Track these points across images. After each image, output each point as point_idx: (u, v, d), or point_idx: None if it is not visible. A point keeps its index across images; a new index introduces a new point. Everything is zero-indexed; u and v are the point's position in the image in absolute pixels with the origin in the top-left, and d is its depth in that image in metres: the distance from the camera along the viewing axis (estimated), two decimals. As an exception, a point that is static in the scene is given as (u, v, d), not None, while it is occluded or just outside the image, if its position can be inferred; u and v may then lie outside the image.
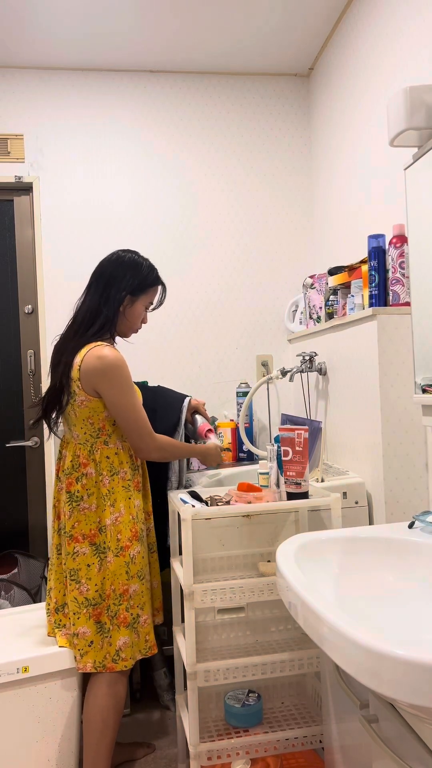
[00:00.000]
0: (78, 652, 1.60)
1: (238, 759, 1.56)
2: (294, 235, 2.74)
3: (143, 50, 2.48)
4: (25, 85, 2.56)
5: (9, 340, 2.59)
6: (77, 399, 1.62)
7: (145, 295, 1.74)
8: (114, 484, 1.64)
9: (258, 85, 2.72)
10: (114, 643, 1.60)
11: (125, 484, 1.66)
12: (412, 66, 1.80)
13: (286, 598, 1.07)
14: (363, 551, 1.24)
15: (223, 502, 1.60)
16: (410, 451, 1.71)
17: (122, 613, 1.61)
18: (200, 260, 2.67)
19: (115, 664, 1.60)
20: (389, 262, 1.73)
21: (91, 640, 1.60)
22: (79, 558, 1.62)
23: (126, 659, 1.60)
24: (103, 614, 1.61)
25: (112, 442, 1.66)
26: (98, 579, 1.61)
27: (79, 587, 1.61)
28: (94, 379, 1.59)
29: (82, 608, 1.60)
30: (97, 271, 1.72)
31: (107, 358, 1.59)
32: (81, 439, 1.66)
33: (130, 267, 1.71)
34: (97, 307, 1.68)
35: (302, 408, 2.41)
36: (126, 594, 1.62)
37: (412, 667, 0.72)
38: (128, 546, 1.63)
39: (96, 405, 1.62)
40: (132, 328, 1.77)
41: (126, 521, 1.64)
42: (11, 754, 1.61)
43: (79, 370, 1.60)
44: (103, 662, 1.60)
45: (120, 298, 1.69)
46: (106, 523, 1.62)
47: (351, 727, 1.24)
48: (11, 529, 2.58)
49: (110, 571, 1.61)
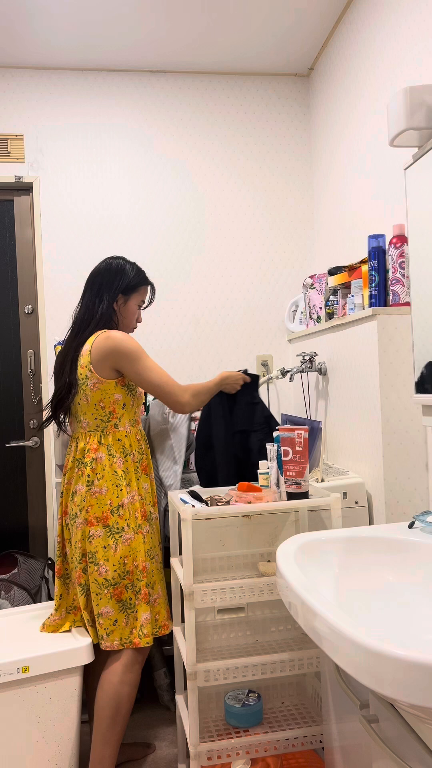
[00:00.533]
0: (104, 631, 1.65)
1: (238, 759, 1.56)
2: (294, 235, 2.74)
3: (143, 50, 2.48)
4: (25, 85, 2.56)
5: (9, 340, 2.59)
6: (89, 383, 1.71)
7: (137, 293, 1.86)
8: (128, 465, 1.73)
9: (258, 85, 2.72)
10: (139, 618, 1.67)
11: (135, 466, 1.75)
12: (412, 66, 1.80)
13: (286, 598, 1.07)
14: (363, 551, 1.24)
15: (223, 502, 1.60)
16: (410, 451, 1.71)
17: (143, 589, 1.68)
18: (200, 260, 2.67)
19: (139, 640, 1.65)
20: (389, 262, 1.73)
21: (114, 618, 1.66)
22: (95, 541, 1.68)
23: (147, 635, 1.66)
24: (124, 592, 1.67)
25: (122, 426, 1.75)
26: (116, 559, 1.67)
27: (98, 569, 1.66)
28: (110, 357, 1.70)
29: (102, 589, 1.66)
30: (90, 279, 1.85)
31: (114, 336, 1.72)
32: (92, 425, 1.74)
33: (120, 270, 1.84)
34: (93, 307, 1.80)
35: (302, 408, 2.41)
36: (145, 570, 1.69)
37: (412, 667, 0.72)
38: (142, 524, 1.72)
39: (107, 386, 1.72)
40: (128, 326, 1.88)
41: (138, 500, 1.73)
42: (11, 754, 1.61)
43: (90, 354, 1.71)
44: (130, 638, 1.66)
45: (113, 297, 1.82)
46: (123, 502, 1.70)
47: (351, 727, 1.24)
48: (11, 529, 2.58)
49: (131, 548, 1.68)
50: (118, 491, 1.69)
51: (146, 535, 1.73)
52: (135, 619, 1.67)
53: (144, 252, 2.63)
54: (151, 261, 2.64)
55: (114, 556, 1.66)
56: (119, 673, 1.65)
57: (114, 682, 1.64)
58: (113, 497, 1.69)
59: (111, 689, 1.64)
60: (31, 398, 2.60)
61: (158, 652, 2.16)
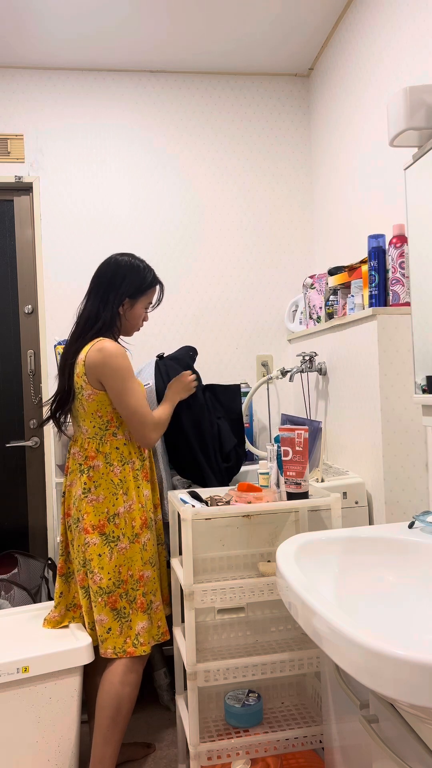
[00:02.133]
0: (99, 638, 1.65)
1: (238, 759, 1.56)
2: (294, 235, 2.74)
3: (143, 50, 2.48)
4: (25, 85, 2.56)
5: (9, 340, 2.59)
6: (85, 393, 1.69)
7: (144, 296, 1.80)
8: (125, 473, 1.71)
9: (258, 85, 2.72)
10: (134, 627, 1.66)
11: (134, 474, 1.73)
12: (412, 66, 1.80)
13: (286, 598, 1.07)
14: (363, 551, 1.24)
15: (223, 502, 1.60)
16: (410, 451, 1.71)
17: (139, 598, 1.67)
18: (200, 260, 2.67)
19: (135, 649, 1.64)
20: (389, 262, 1.73)
21: (108, 627, 1.65)
22: (90, 548, 1.67)
23: (144, 644, 1.65)
24: (118, 601, 1.66)
25: (121, 434, 1.72)
26: (110, 567, 1.66)
27: (93, 577, 1.66)
28: (97, 370, 1.66)
29: (97, 597, 1.65)
30: (96, 277, 1.78)
31: (107, 350, 1.66)
32: (90, 433, 1.72)
33: (128, 271, 1.76)
34: (97, 312, 1.74)
35: (302, 408, 2.41)
36: (142, 579, 1.68)
37: (412, 667, 0.72)
38: (140, 533, 1.70)
39: (102, 398, 1.69)
40: (134, 327, 1.84)
41: (137, 509, 1.70)
42: (11, 754, 1.61)
43: (84, 365, 1.68)
44: (123, 647, 1.65)
45: (119, 301, 1.75)
46: (119, 511, 1.68)
47: (351, 727, 1.24)
48: (11, 529, 2.58)
49: (126, 557, 1.67)
50: (114, 500, 1.68)
51: (146, 543, 1.71)
52: (129, 628, 1.66)
53: (144, 252, 2.63)
54: (151, 261, 2.64)
55: (109, 564, 1.66)
56: (120, 674, 1.65)
57: (115, 683, 1.64)
58: (110, 506, 1.68)
59: (112, 690, 1.64)
60: (31, 398, 2.60)
61: (158, 652, 2.16)
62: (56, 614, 1.78)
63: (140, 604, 1.67)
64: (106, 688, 1.65)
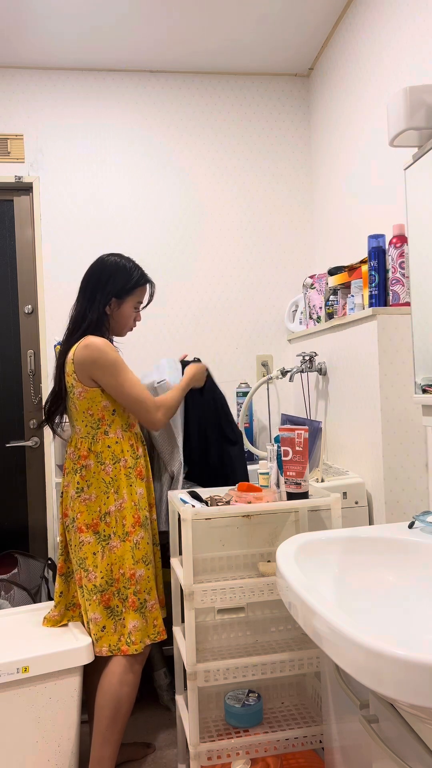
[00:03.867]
0: (94, 637, 1.66)
1: (238, 759, 1.56)
2: (294, 235, 2.74)
3: (143, 50, 2.48)
4: (25, 85, 2.56)
5: (9, 340, 2.59)
6: (75, 392, 1.70)
7: (132, 296, 1.79)
8: (117, 472, 1.70)
9: (258, 85, 2.72)
10: (127, 626, 1.66)
11: (127, 472, 1.72)
12: (412, 66, 1.80)
13: (286, 598, 1.07)
14: (363, 551, 1.24)
15: (223, 502, 1.60)
16: (410, 451, 1.71)
17: (131, 596, 1.67)
18: (200, 260, 2.67)
19: (127, 647, 1.64)
20: (389, 262, 1.73)
21: (102, 625, 1.66)
22: (84, 547, 1.68)
23: (136, 643, 1.65)
24: (111, 599, 1.66)
25: (113, 432, 1.72)
26: (103, 566, 1.66)
27: (88, 575, 1.67)
28: (87, 367, 1.67)
29: (92, 595, 1.66)
30: (85, 278, 1.79)
31: (93, 345, 1.66)
32: (83, 432, 1.72)
33: (115, 271, 1.77)
34: (84, 312, 1.75)
35: (302, 408, 2.41)
36: (133, 578, 1.68)
37: (412, 667, 0.72)
38: (132, 531, 1.69)
39: (93, 395, 1.69)
40: (124, 327, 1.83)
41: (128, 507, 1.70)
42: (11, 754, 1.61)
43: (73, 362, 1.69)
44: (117, 645, 1.65)
45: (105, 301, 1.76)
46: (110, 510, 1.68)
47: (351, 727, 1.24)
48: (11, 529, 2.58)
49: (117, 555, 1.67)
50: (105, 498, 1.69)
51: (139, 541, 1.70)
52: (123, 626, 1.66)
53: (144, 252, 2.63)
54: (151, 261, 2.64)
55: (101, 563, 1.67)
56: (119, 674, 1.65)
57: (114, 683, 1.64)
58: (101, 504, 1.69)
59: (111, 689, 1.64)
60: (31, 398, 2.60)
61: (158, 652, 2.16)
62: (56, 613, 1.78)
63: (132, 602, 1.67)
64: (105, 688, 1.65)
